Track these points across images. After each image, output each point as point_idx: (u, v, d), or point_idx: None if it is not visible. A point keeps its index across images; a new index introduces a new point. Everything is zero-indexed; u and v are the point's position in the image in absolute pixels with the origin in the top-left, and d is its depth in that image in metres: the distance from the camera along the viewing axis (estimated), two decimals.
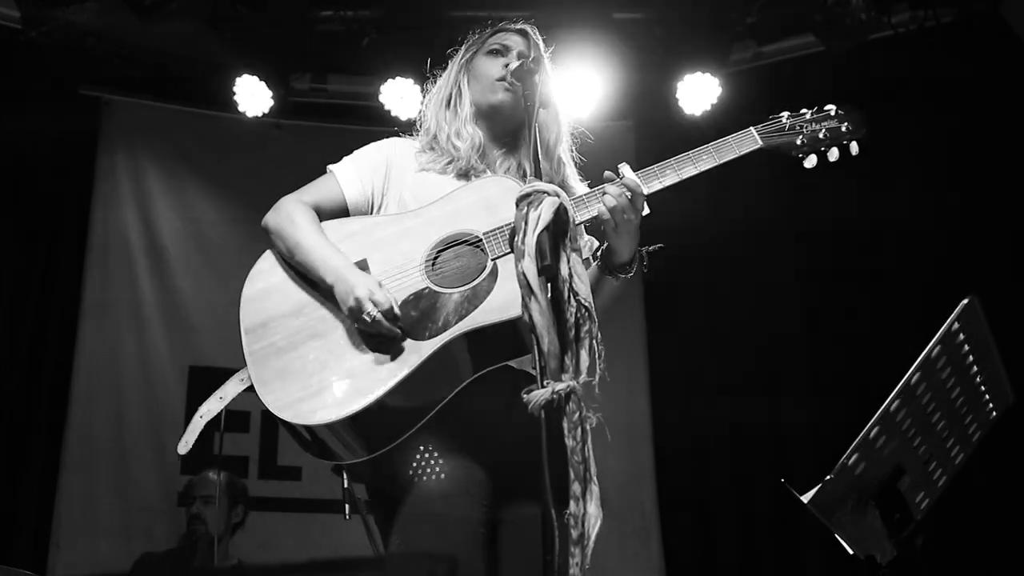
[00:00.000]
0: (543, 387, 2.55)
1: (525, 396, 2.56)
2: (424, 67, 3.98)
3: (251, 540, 7.16)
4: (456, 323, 3.05)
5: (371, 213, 3.53)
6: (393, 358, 3.06)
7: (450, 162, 3.51)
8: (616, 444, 3.40)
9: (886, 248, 7.90)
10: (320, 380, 3.09)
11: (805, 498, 2.82)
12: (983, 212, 7.54)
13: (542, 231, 2.65)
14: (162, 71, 8.24)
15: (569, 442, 2.58)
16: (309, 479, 7.84)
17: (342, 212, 3.52)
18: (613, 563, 7.29)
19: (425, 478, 3.10)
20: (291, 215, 3.44)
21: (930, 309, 3.21)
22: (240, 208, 8.47)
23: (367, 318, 3.07)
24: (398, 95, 8.01)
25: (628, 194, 3.10)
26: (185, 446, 4.65)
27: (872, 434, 2.82)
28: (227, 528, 6.68)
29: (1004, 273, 7.29)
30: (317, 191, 3.58)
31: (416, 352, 3.04)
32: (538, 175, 2.86)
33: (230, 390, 4.21)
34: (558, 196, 2.74)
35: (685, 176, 3.17)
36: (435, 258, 3.23)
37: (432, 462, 3.12)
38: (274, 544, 7.63)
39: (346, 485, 5.41)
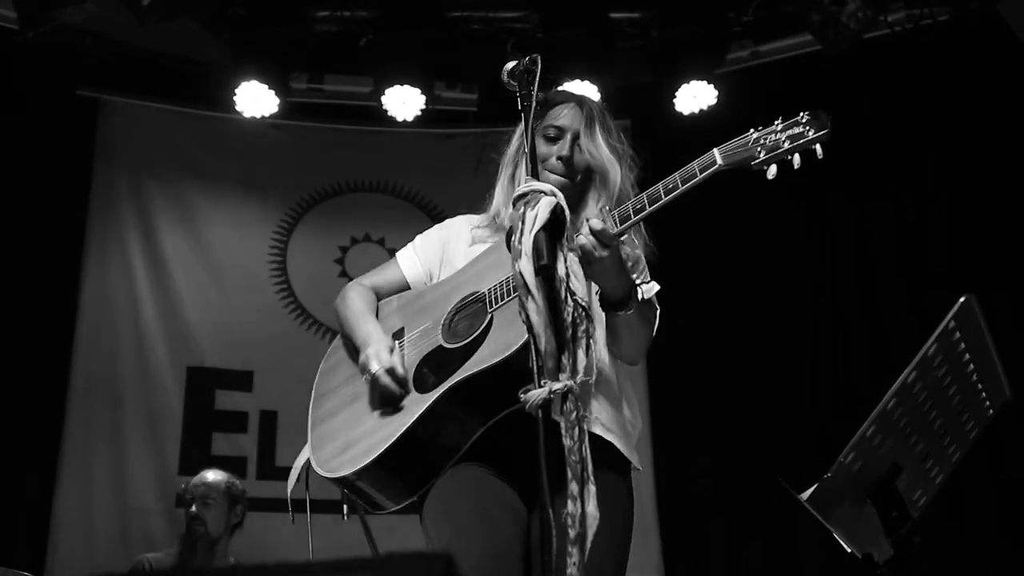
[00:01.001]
0: (540, 387, 2.56)
1: (522, 396, 2.56)
2: (420, 68, 3.98)
3: (250, 541, 7.16)
4: (451, 375, 3.18)
5: None
6: (403, 412, 3.25)
7: (498, 230, 3.57)
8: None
9: (882, 246, 7.90)
10: (349, 438, 3.35)
11: (803, 496, 2.82)
12: (980, 210, 7.55)
13: (539, 231, 2.66)
14: (159, 72, 8.25)
15: (566, 441, 2.58)
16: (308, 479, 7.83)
17: (404, 289, 3.76)
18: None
19: (459, 473, 3.24)
20: (346, 297, 3.73)
21: (927, 308, 3.21)
22: (237, 208, 8.48)
23: (368, 376, 3.31)
24: (400, 100, 8.00)
25: (592, 238, 3.06)
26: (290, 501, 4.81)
27: (869, 432, 2.82)
28: (226, 528, 6.67)
29: (1001, 272, 7.30)
30: (379, 274, 3.84)
31: (419, 404, 3.20)
32: (535, 175, 2.86)
33: (302, 457, 4.41)
34: (555, 196, 2.74)
35: (656, 207, 3.11)
36: (452, 318, 3.38)
37: (464, 471, 3.25)
38: (272, 545, 7.63)
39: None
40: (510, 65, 3.43)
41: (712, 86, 7.90)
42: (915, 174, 7.78)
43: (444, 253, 3.72)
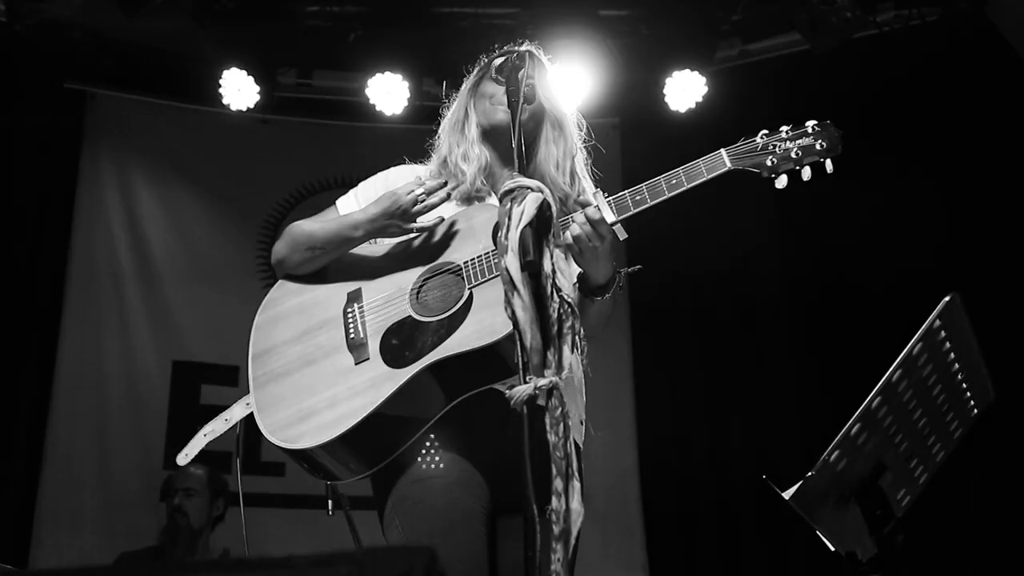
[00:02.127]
0: (525, 383, 2.56)
1: (507, 392, 2.56)
2: (409, 62, 3.97)
3: (233, 535, 7.14)
4: (428, 352, 3.12)
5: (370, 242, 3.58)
6: (372, 386, 3.15)
7: (455, 187, 3.52)
8: (600, 440, 3.45)
9: (870, 246, 7.91)
10: (308, 407, 3.22)
11: (787, 494, 2.82)
12: (968, 210, 7.56)
13: (525, 227, 2.65)
14: (147, 65, 8.24)
15: (551, 438, 2.58)
16: (292, 475, 7.81)
17: None
18: (596, 560, 7.29)
19: (429, 472, 3.18)
20: (295, 227, 3.56)
21: (914, 307, 3.21)
22: (225, 202, 8.46)
23: (418, 200, 3.29)
24: (385, 90, 8.00)
25: (589, 224, 3.11)
26: (185, 458, 4.69)
27: (854, 431, 2.82)
28: (208, 521, 6.67)
29: (988, 271, 7.31)
30: (318, 220, 3.64)
31: (392, 380, 3.13)
32: (522, 171, 2.86)
33: (236, 413, 4.30)
34: (542, 192, 2.74)
35: (656, 201, 3.15)
36: (420, 287, 3.29)
37: (436, 457, 3.20)
38: (256, 540, 7.61)
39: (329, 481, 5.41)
40: (498, 61, 3.44)
41: (700, 75, 7.89)
42: (902, 173, 7.78)
43: None
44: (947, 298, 2.85)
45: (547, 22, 7.46)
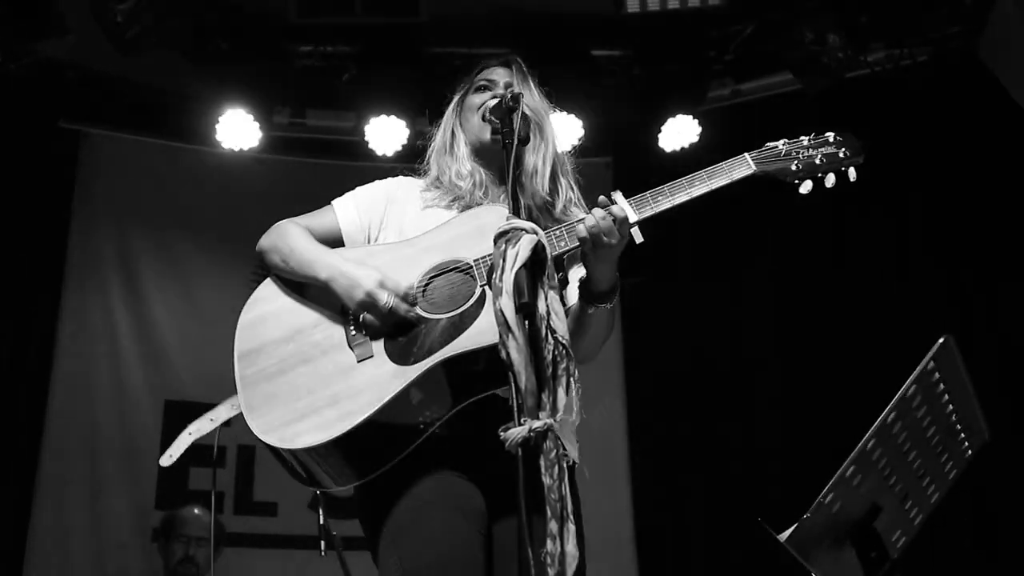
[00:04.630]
0: (520, 425, 2.55)
1: (502, 434, 2.56)
2: (403, 102, 4.00)
3: None
4: (440, 349, 3.04)
5: (366, 245, 3.54)
6: (378, 383, 3.05)
7: (455, 199, 3.51)
8: (593, 478, 3.40)
9: (860, 283, 7.92)
10: (306, 405, 3.09)
11: (782, 537, 2.82)
12: (960, 249, 7.59)
13: (519, 268, 2.65)
14: (141, 105, 8.25)
15: (546, 480, 2.57)
16: (285, 515, 7.80)
17: (337, 242, 3.53)
18: None
19: (425, 497, 3.09)
20: (284, 230, 3.52)
21: (905, 348, 3.21)
22: (218, 241, 8.45)
23: (384, 308, 3.11)
24: (380, 133, 8.01)
25: (610, 218, 3.05)
26: (169, 459, 4.63)
27: (848, 472, 2.83)
28: (211, 569, 6.63)
29: (979, 312, 7.33)
30: (312, 218, 3.63)
31: (400, 377, 3.03)
32: (516, 212, 2.86)
33: (222, 413, 4.22)
34: (536, 233, 2.74)
35: (678, 202, 3.12)
36: (427, 284, 3.22)
37: (432, 478, 3.12)
38: None
39: (322, 521, 5.40)
40: (492, 102, 3.44)
41: (696, 121, 7.94)
42: (895, 212, 7.81)
43: (387, 213, 3.57)
44: (941, 340, 2.86)
45: (540, 61, 7.49)
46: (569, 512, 2.60)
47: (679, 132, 7.96)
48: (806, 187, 3.22)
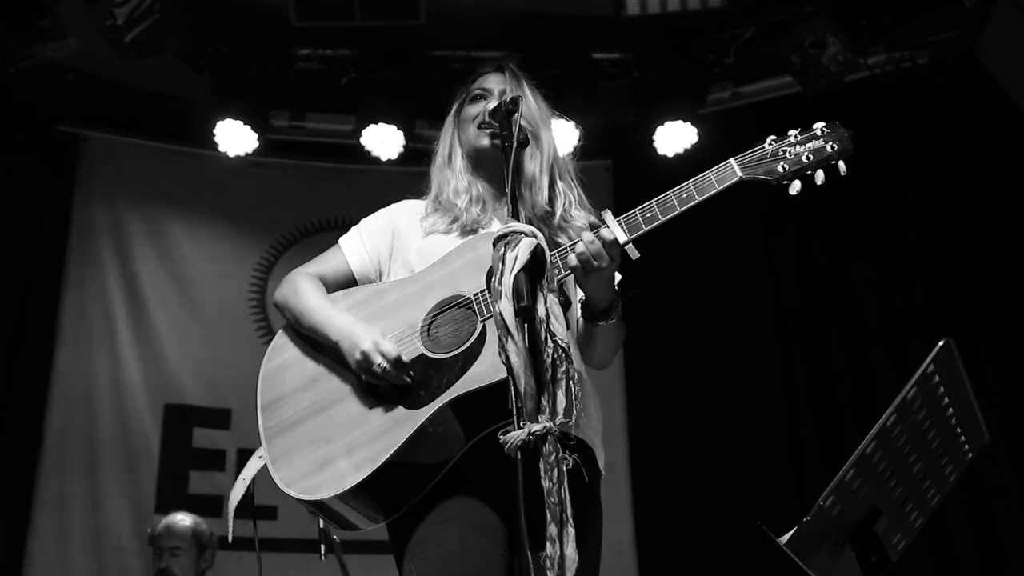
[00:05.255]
0: (519, 428, 2.54)
1: (501, 437, 2.55)
2: (401, 107, 3.97)
3: None
4: (446, 390, 3.05)
5: (379, 279, 3.52)
6: (388, 429, 3.07)
7: (453, 221, 3.47)
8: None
9: (862, 288, 7.93)
10: (323, 455, 3.12)
11: (782, 540, 2.81)
12: (959, 253, 7.58)
13: (519, 272, 2.65)
14: (140, 108, 8.26)
15: (545, 483, 2.56)
16: (285, 518, 7.77)
17: (349, 282, 3.52)
18: None
19: (446, 515, 3.08)
20: (295, 286, 3.46)
21: (907, 351, 3.21)
22: (218, 245, 8.45)
23: (377, 370, 3.09)
24: (379, 138, 8.01)
25: (598, 243, 3.04)
26: (231, 535, 4.69)
27: (848, 476, 2.82)
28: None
29: (981, 316, 7.33)
30: (323, 263, 3.58)
31: (411, 421, 3.05)
32: (516, 216, 2.85)
33: (251, 468, 4.24)
34: (535, 237, 2.73)
35: (668, 217, 3.08)
36: (430, 323, 3.21)
37: (454, 502, 3.11)
38: None
39: (322, 525, 5.39)
40: (491, 106, 3.43)
41: (691, 125, 7.95)
42: (894, 216, 7.81)
43: (394, 245, 3.55)
44: (941, 343, 2.86)
45: (539, 64, 7.49)
46: (568, 516, 2.59)
47: (676, 132, 7.94)
48: (795, 188, 3.13)
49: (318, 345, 3.36)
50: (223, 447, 7.98)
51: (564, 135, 7.46)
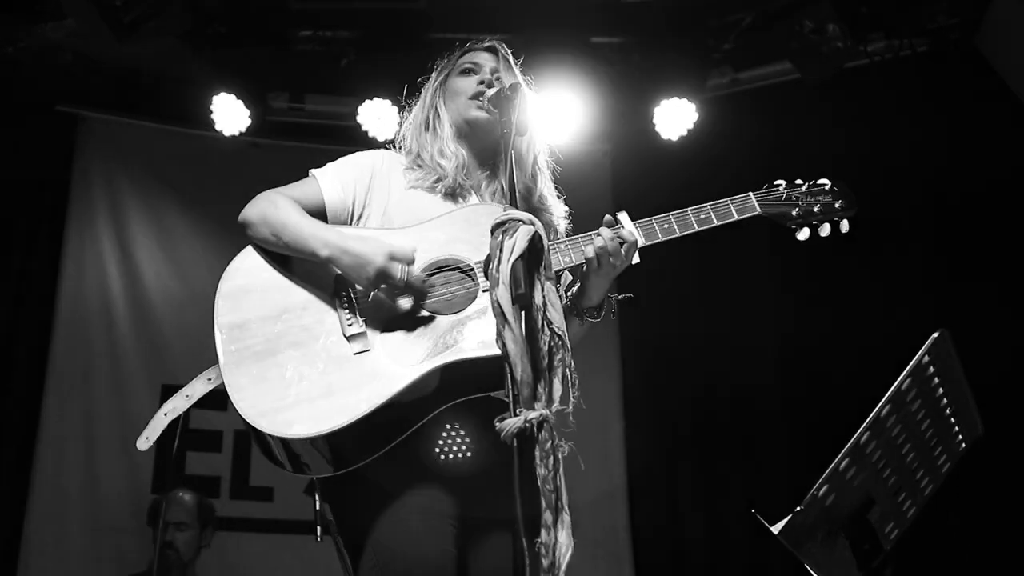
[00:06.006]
0: (516, 415, 2.55)
1: (498, 424, 2.56)
2: (401, 88, 3.98)
3: (221, 562, 7.12)
4: (443, 352, 3.05)
5: (350, 222, 3.49)
6: (378, 379, 3.03)
7: (437, 180, 3.51)
8: (589, 470, 3.39)
9: (856, 275, 7.92)
10: (299, 392, 3.05)
11: (775, 528, 2.82)
12: (956, 241, 7.58)
13: (516, 259, 2.65)
14: (139, 88, 8.23)
15: (541, 471, 2.56)
16: (281, 500, 7.80)
17: (320, 215, 3.46)
18: None
19: (401, 513, 3.10)
20: (272, 201, 3.44)
21: (903, 341, 3.22)
22: (215, 226, 8.43)
23: (399, 282, 3.09)
24: (376, 116, 8.01)
25: (618, 240, 3.15)
26: (146, 442, 4.59)
27: (842, 465, 2.83)
28: (197, 553, 6.64)
29: (977, 306, 7.33)
30: (295, 189, 3.54)
31: (402, 375, 3.03)
32: (514, 203, 2.85)
33: (198, 389, 4.15)
34: (533, 224, 2.73)
35: (685, 233, 3.28)
36: (424, 281, 3.20)
37: (404, 479, 3.12)
38: (244, 566, 7.60)
39: (318, 507, 5.40)
40: (491, 91, 3.44)
41: (690, 103, 7.91)
42: (892, 203, 7.80)
43: (371, 189, 3.53)
44: (935, 334, 2.87)
45: (539, 48, 7.49)
46: (564, 503, 2.60)
47: (675, 118, 7.93)
48: (803, 234, 3.50)
49: (288, 273, 3.31)
50: (220, 428, 7.98)
51: (564, 118, 7.54)
